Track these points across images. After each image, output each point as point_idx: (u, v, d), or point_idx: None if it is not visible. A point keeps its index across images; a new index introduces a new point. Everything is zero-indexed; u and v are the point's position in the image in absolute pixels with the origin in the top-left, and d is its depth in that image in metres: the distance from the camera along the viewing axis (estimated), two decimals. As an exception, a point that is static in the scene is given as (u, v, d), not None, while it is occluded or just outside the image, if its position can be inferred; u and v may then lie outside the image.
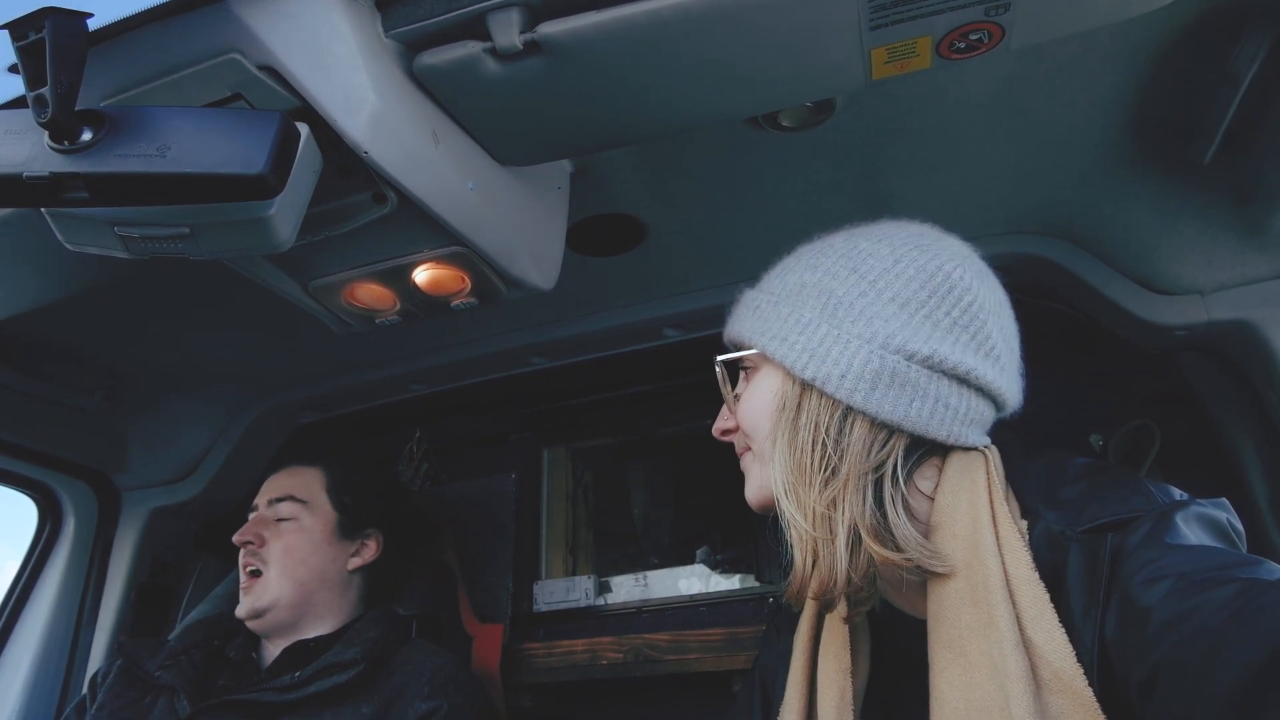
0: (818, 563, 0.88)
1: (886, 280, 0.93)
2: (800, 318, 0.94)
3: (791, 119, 1.26)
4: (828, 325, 0.92)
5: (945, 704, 0.82)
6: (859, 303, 0.92)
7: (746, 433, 1.00)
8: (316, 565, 1.59)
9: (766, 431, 0.96)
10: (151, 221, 0.89)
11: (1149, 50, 1.14)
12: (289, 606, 1.56)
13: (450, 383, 2.03)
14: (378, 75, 0.91)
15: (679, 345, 1.86)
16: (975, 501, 0.88)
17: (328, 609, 1.61)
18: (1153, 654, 0.70)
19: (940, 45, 0.94)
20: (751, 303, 1.01)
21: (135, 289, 1.49)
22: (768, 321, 0.96)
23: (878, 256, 0.95)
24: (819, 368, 0.91)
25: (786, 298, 0.97)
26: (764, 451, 0.96)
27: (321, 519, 1.63)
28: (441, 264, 1.17)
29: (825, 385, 0.90)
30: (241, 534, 1.60)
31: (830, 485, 0.89)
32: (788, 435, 0.92)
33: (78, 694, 1.75)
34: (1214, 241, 1.39)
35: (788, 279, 0.99)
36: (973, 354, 0.91)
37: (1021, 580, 0.82)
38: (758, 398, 0.98)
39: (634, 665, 1.85)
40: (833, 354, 0.90)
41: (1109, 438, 1.72)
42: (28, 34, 0.74)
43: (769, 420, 0.95)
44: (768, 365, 0.97)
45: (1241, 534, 0.84)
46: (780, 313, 0.96)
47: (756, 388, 0.98)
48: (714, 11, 0.87)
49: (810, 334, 0.92)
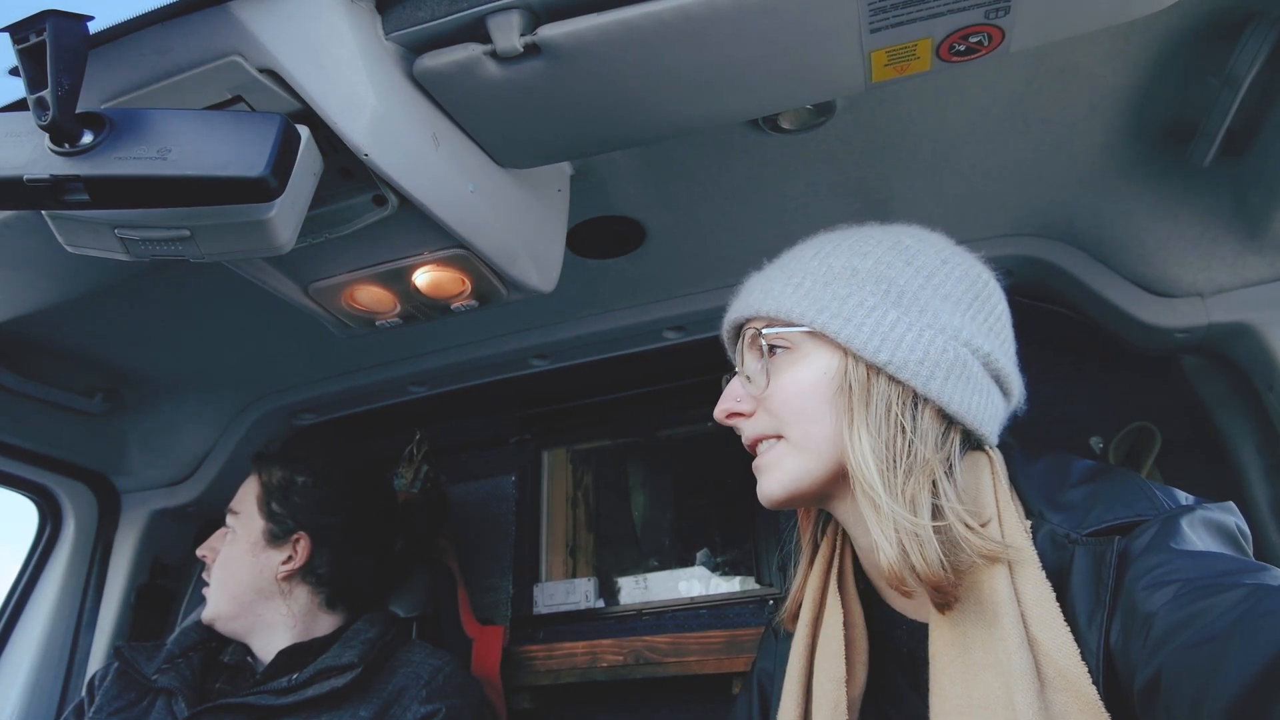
0: (922, 550, 0.83)
1: (940, 277, 0.94)
2: (862, 300, 0.91)
3: (791, 121, 1.26)
4: (896, 311, 0.91)
5: (948, 701, 0.82)
6: (921, 294, 0.92)
7: (780, 416, 0.94)
8: (245, 577, 1.56)
9: (815, 415, 0.91)
10: (152, 224, 0.89)
11: (1149, 53, 1.14)
12: (229, 619, 1.55)
13: (450, 385, 2.03)
14: (378, 77, 0.91)
15: (679, 347, 1.86)
16: (982, 500, 0.89)
17: (278, 618, 1.57)
18: (1156, 659, 0.70)
19: (940, 48, 0.94)
20: (787, 280, 0.96)
21: (136, 291, 1.49)
22: (820, 300, 0.92)
23: (926, 254, 0.96)
24: (893, 352, 0.89)
25: (838, 280, 0.93)
26: (805, 438, 0.92)
27: (249, 529, 1.59)
28: (442, 266, 1.17)
29: (900, 370, 0.89)
30: (200, 550, 1.63)
31: (914, 473, 0.87)
32: (863, 418, 0.88)
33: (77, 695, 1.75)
34: (1214, 244, 1.39)
35: (831, 262, 0.95)
36: (1007, 358, 0.96)
37: (1027, 579, 0.82)
38: (803, 378, 0.93)
39: (634, 668, 1.85)
40: (907, 339, 0.89)
41: (1109, 440, 1.72)
42: (28, 36, 0.74)
43: (821, 403, 0.91)
44: (816, 345, 0.93)
45: (1249, 537, 0.83)
46: (835, 293, 0.92)
47: (800, 367, 0.93)
48: (714, 14, 0.87)
49: (879, 318, 0.91)
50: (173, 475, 2.07)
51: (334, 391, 2.01)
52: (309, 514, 1.62)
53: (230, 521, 1.62)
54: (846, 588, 1.03)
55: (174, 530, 2.11)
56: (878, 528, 0.86)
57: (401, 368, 1.95)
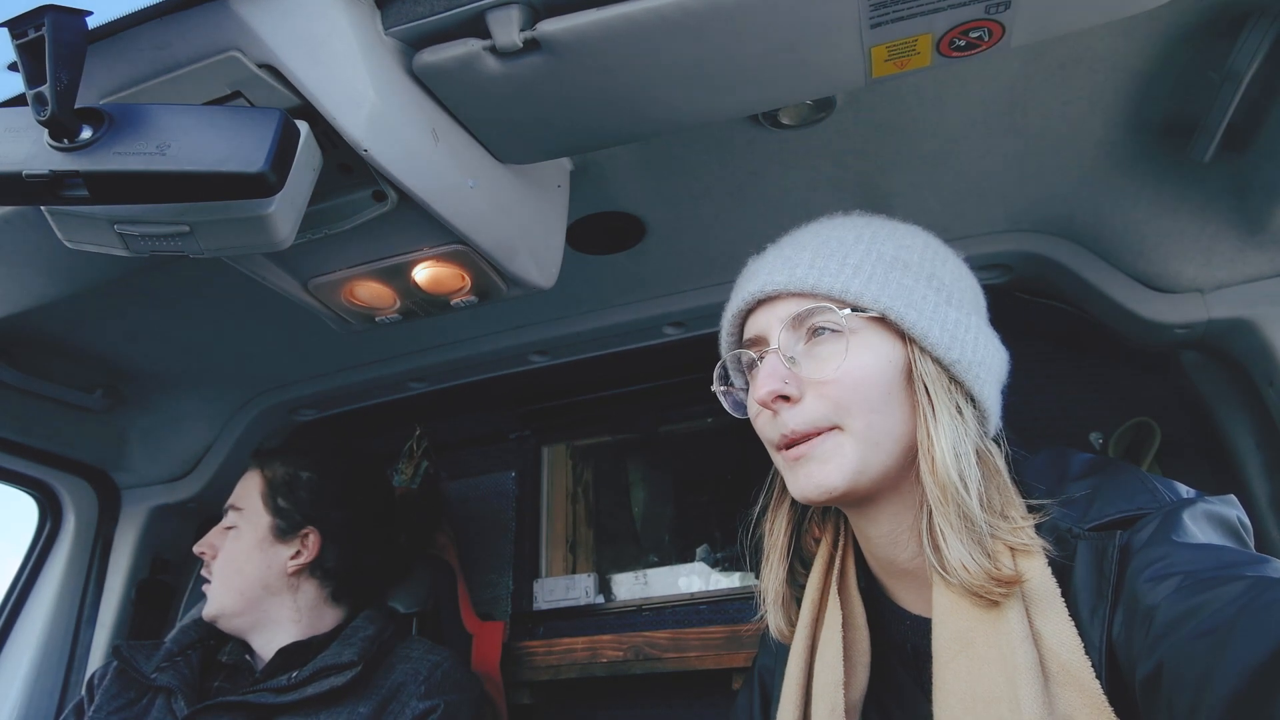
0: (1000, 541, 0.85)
1: (968, 280, 0.98)
2: (925, 295, 0.91)
3: (792, 117, 1.26)
4: (952, 310, 0.92)
5: (951, 695, 0.82)
6: (963, 296, 0.95)
7: (842, 404, 0.88)
8: (253, 573, 1.56)
9: (880, 405, 0.88)
10: (151, 219, 0.89)
11: (1149, 48, 1.13)
12: (234, 615, 1.55)
13: (450, 380, 2.03)
14: (377, 73, 0.91)
15: (679, 343, 1.86)
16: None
17: (284, 614, 1.58)
18: (1157, 651, 0.70)
19: (940, 43, 0.93)
20: (842, 261, 0.92)
21: (135, 287, 1.49)
22: (887, 287, 0.90)
23: (949, 255, 0.99)
24: (961, 351, 0.89)
25: (895, 269, 0.92)
26: (869, 429, 0.88)
27: (255, 525, 1.59)
28: (441, 262, 1.17)
29: (965, 371, 0.89)
30: (198, 546, 1.61)
31: (983, 472, 0.88)
32: (945, 415, 0.87)
33: (78, 691, 1.75)
34: (1214, 239, 1.39)
35: (881, 249, 0.93)
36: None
37: (1032, 573, 0.82)
38: (870, 365, 0.89)
39: (634, 663, 1.85)
40: (968, 340, 0.90)
41: (1109, 435, 1.72)
42: (27, 31, 0.74)
43: (887, 394, 0.89)
44: (876, 332, 0.90)
45: (1250, 530, 0.84)
46: (900, 282, 0.91)
47: (863, 354, 0.89)
48: (714, 9, 0.87)
49: (944, 314, 0.91)
50: (173, 471, 2.07)
51: (334, 387, 2.01)
52: (317, 508, 1.62)
53: (232, 518, 1.61)
54: (846, 587, 1.02)
55: (174, 526, 2.11)
56: (957, 529, 0.84)
57: (401, 364, 1.95)
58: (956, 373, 0.89)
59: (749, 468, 1.02)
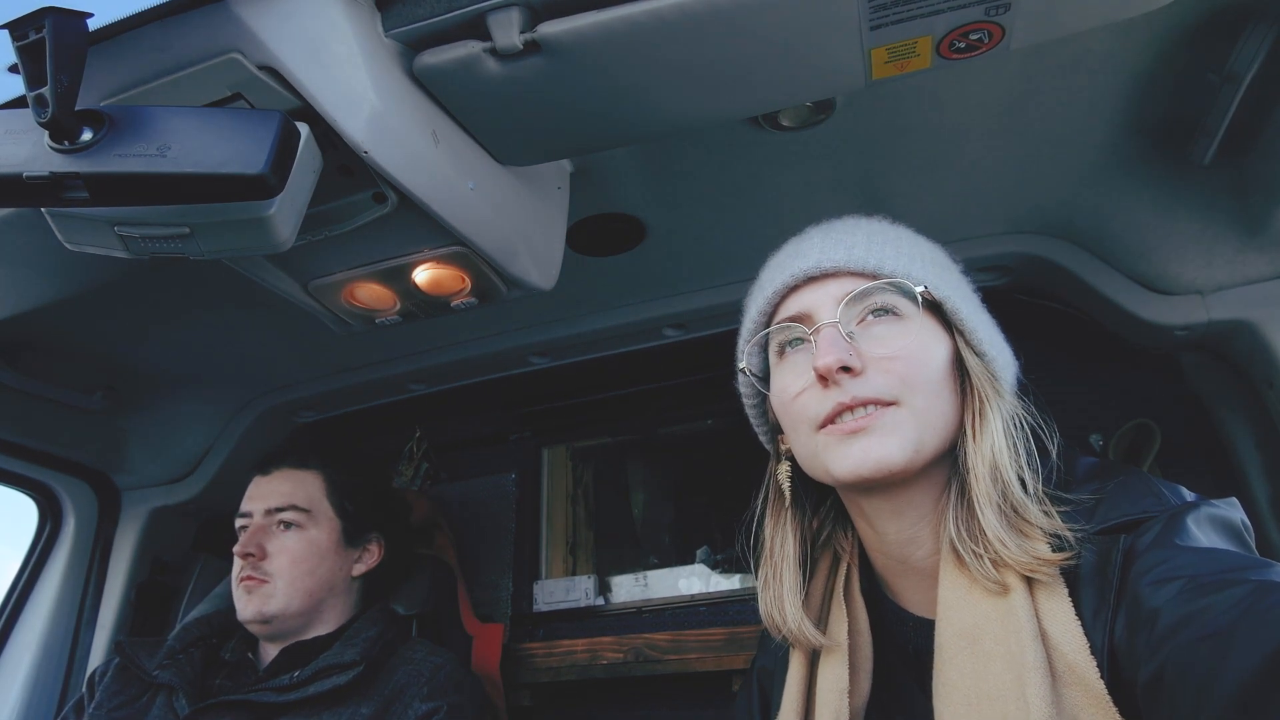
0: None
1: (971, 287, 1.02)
2: (967, 293, 0.97)
3: (791, 119, 1.26)
4: (984, 314, 0.98)
5: (954, 691, 0.82)
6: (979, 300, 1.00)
7: (906, 380, 0.89)
8: (324, 575, 1.58)
9: (937, 389, 0.90)
10: (151, 221, 0.89)
11: (1149, 50, 1.13)
12: (297, 615, 1.55)
13: (450, 382, 2.03)
14: (378, 75, 0.91)
15: (679, 345, 1.86)
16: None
17: (331, 613, 1.62)
18: (1160, 654, 0.70)
19: (940, 45, 0.93)
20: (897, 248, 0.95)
21: (135, 289, 1.49)
22: (945, 279, 0.96)
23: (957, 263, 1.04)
24: (998, 350, 0.95)
25: (940, 266, 0.98)
26: (928, 409, 0.89)
27: (326, 528, 1.61)
28: (441, 263, 1.17)
29: (1002, 370, 0.94)
30: (243, 547, 1.56)
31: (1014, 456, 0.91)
32: (995, 407, 0.90)
33: (78, 692, 1.75)
34: (1214, 241, 1.39)
35: (922, 247, 0.99)
36: None
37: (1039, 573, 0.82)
38: (931, 347, 0.92)
39: (634, 665, 1.85)
40: (997, 341, 0.97)
41: (1109, 437, 1.72)
42: (28, 33, 0.74)
43: (941, 379, 0.91)
44: (929, 320, 0.94)
45: (1253, 533, 0.84)
46: (950, 279, 0.97)
47: (922, 338, 0.92)
48: (714, 11, 0.87)
49: (981, 313, 0.97)
50: (173, 473, 2.07)
51: (334, 389, 2.01)
52: (379, 515, 1.70)
53: (294, 516, 1.59)
54: (850, 591, 1.02)
55: (174, 527, 2.11)
56: (996, 508, 0.85)
57: (401, 365, 1.95)
58: (994, 369, 0.93)
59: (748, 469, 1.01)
